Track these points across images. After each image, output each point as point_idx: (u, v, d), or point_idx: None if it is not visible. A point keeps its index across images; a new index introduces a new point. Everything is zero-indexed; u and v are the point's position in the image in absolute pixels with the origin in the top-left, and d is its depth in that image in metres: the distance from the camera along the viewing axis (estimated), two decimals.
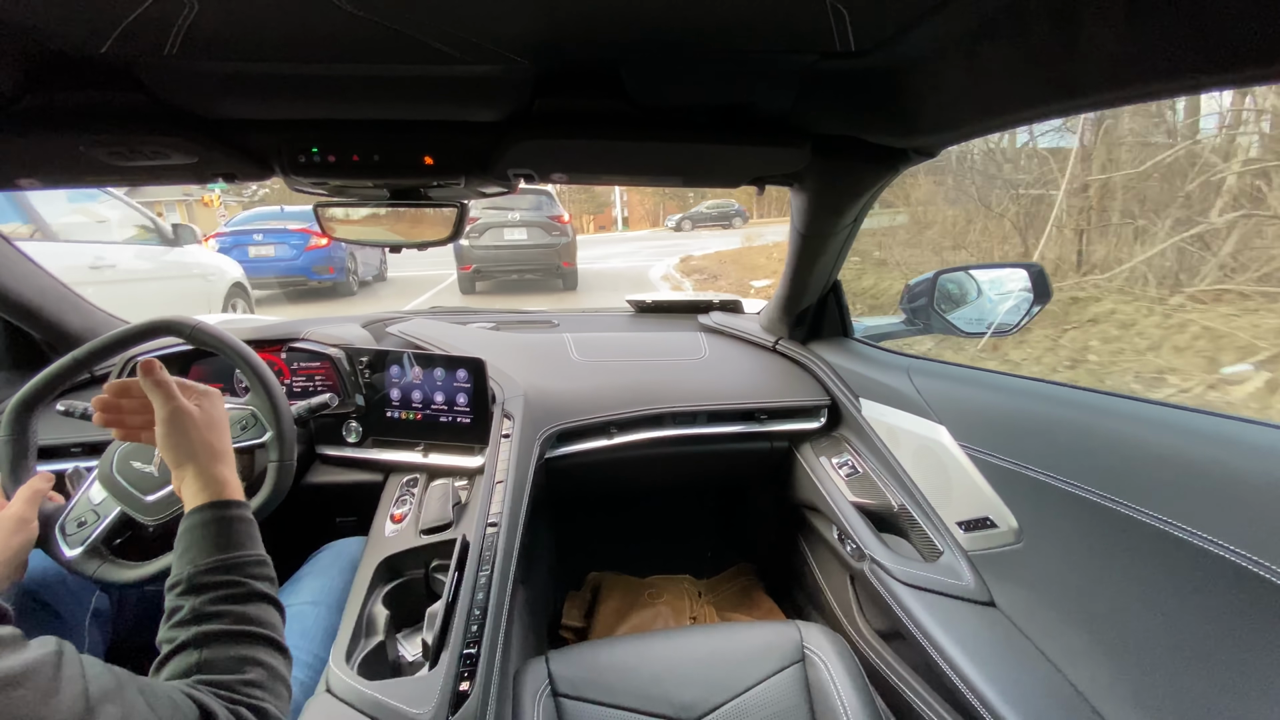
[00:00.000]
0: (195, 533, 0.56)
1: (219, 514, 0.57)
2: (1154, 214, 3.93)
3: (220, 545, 0.55)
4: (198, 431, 0.61)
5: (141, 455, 0.83)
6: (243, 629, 0.51)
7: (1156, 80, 0.47)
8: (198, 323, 0.83)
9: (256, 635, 0.52)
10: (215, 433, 0.63)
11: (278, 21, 0.56)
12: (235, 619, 0.51)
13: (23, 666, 0.35)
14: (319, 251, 6.86)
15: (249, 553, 0.57)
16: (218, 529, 0.56)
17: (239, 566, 0.55)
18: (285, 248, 6.81)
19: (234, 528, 0.57)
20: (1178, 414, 0.71)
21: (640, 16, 0.57)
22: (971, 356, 3.13)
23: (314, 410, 1.01)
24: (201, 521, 0.57)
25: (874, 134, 0.82)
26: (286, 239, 6.82)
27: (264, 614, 0.54)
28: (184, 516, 0.58)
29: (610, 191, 21.58)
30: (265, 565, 0.58)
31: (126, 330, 0.82)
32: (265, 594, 0.56)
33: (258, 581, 0.55)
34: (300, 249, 6.79)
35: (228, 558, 0.55)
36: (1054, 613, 0.82)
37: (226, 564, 0.54)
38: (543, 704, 0.82)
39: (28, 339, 1.16)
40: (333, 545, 0.98)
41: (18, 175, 0.82)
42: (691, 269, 9.85)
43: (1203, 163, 3.70)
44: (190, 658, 0.48)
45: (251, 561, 0.56)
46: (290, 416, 0.87)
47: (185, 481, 0.60)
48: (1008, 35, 0.53)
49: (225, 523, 0.57)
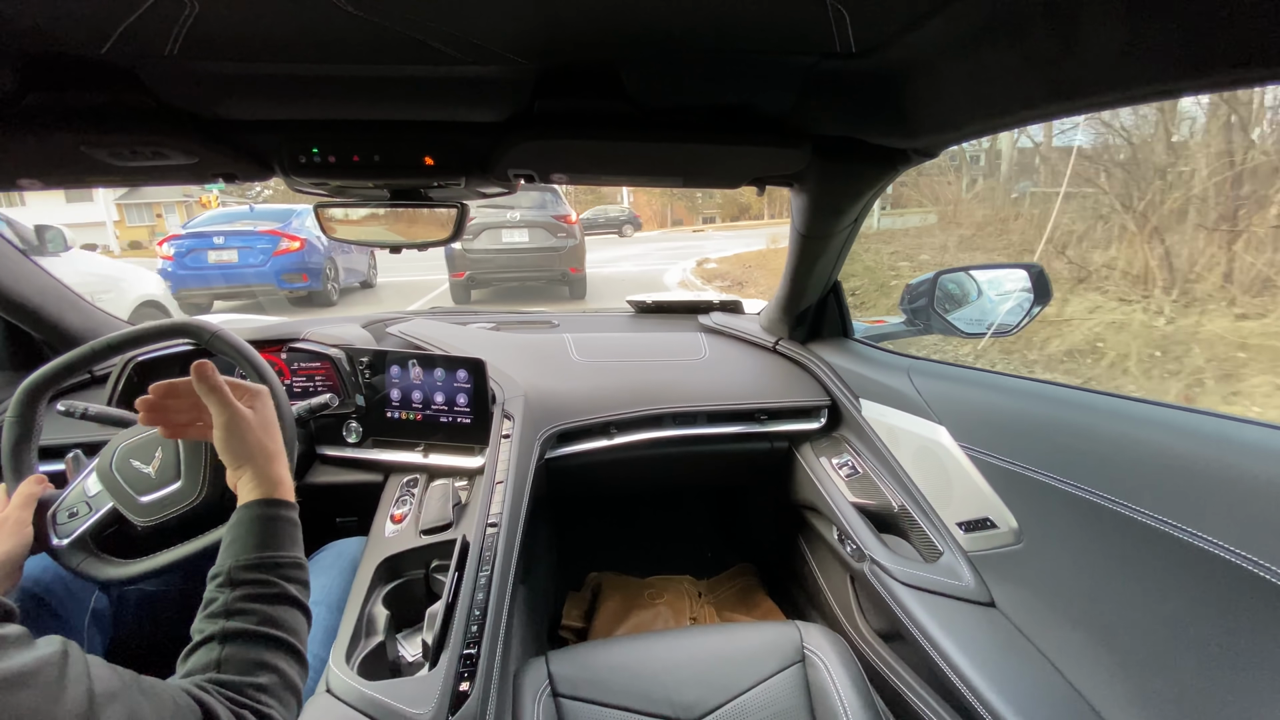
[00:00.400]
0: (243, 527, 0.57)
1: (268, 512, 0.59)
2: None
3: (264, 543, 0.57)
4: (254, 434, 0.63)
5: (141, 455, 0.83)
6: (266, 631, 0.52)
7: (1156, 81, 0.47)
8: (216, 328, 0.83)
9: (278, 640, 0.52)
10: (269, 434, 0.65)
11: (278, 22, 0.57)
12: (261, 619, 0.52)
13: (29, 666, 0.35)
14: (290, 256, 6.05)
15: (288, 554, 0.58)
16: (264, 526, 0.58)
17: (276, 566, 0.56)
18: (251, 252, 6.01)
19: (280, 527, 0.59)
20: (1178, 414, 0.71)
21: (640, 17, 0.57)
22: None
23: (314, 410, 1.01)
24: (250, 517, 0.58)
25: (874, 135, 0.82)
26: (252, 242, 6.04)
27: (290, 618, 0.55)
28: (236, 509, 0.60)
29: (617, 192, 21.49)
30: (302, 569, 0.59)
31: (144, 329, 0.82)
32: (295, 598, 0.56)
33: (291, 584, 0.56)
34: (268, 254, 5.99)
35: (267, 556, 0.56)
36: (1054, 613, 0.82)
37: (265, 562, 0.55)
38: (543, 704, 0.82)
39: (28, 339, 1.16)
40: (333, 545, 0.98)
41: (18, 175, 0.82)
42: (712, 274, 9.10)
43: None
44: (213, 652, 0.49)
45: (289, 563, 0.57)
46: (293, 423, 0.88)
47: (242, 480, 0.61)
48: (1007, 36, 0.53)
49: (273, 521, 0.59)
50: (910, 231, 7.28)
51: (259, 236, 6.05)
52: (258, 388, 0.68)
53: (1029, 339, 3.70)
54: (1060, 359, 3.57)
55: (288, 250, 6.03)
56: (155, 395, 0.66)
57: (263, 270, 6.00)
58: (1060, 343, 3.66)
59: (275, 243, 6.01)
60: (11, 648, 0.35)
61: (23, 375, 0.80)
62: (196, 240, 6.05)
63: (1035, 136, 6.41)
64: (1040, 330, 3.71)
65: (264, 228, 6.09)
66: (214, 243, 6.02)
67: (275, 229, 6.05)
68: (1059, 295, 4.00)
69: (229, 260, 5.98)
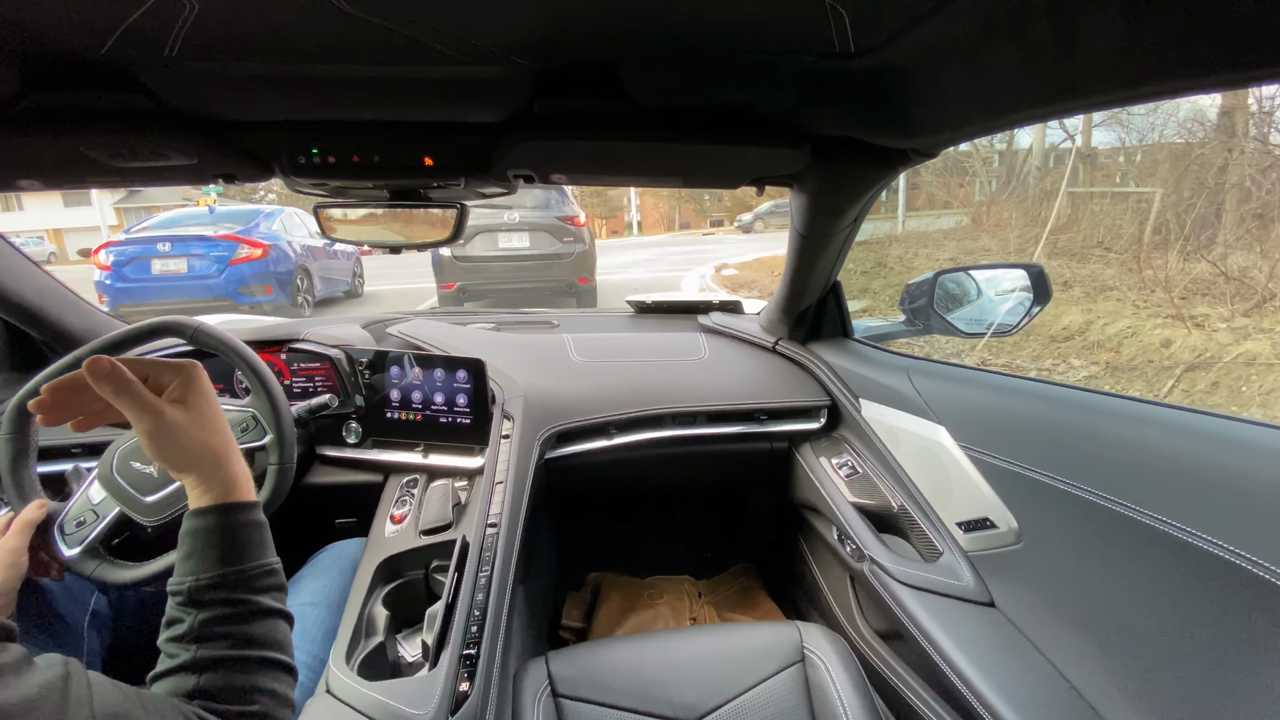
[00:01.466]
0: (198, 538, 0.51)
1: (224, 520, 0.52)
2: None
3: (224, 556, 0.51)
4: (188, 437, 0.52)
5: (141, 456, 0.83)
6: (246, 654, 0.48)
7: (1156, 80, 0.47)
8: (200, 324, 0.83)
9: (261, 660, 0.49)
10: (210, 429, 0.54)
11: (278, 23, 0.57)
12: (237, 642, 0.48)
13: (31, 695, 0.34)
14: (251, 266, 5.22)
15: (256, 563, 0.52)
16: (221, 536, 0.51)
17: (243, 581, 0.51)
18: (203, 261, 5.14)
19: (239, 534, 0.52)
20: (1178, 414, 0.71)
21: (640, 18, 0.57)
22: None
23: (314, 411, 1.01)
24: (205, 527, 0.51)
25: (873, 135, 0.82)
26: (206, 249, 5.17)
27: (270, 631, 0.51)
28: (185, 517, 0.52)
29: (624, 195, 21.23)
30: (274, 574, 0.54)
31: (128, 330, 0.82)
32: (271, 608, 0.52)
33: (264, 595, 0.51)
34: (223, 262, 5.14)
35: (231, 571, 0.50)
36: (1054, 613, 0.82)
37: (230, 578, 0.50)
38: (543, 704, 0.82)
39: (28, 340, 1.16)
40: (333, 546, 0.98)
41: (18, 177, 0.82)
42: (736, 282, 8.15)
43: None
44: (187, 681, 0.46)
45: (258, 573, 0.52)
46: (291, 419, 0.87)
47: (188, 485, 0.53)
48: (1007, 36, 0.53)
49: (230, 530, 0.52)
50: (959, 234, 6.92)
51: (213, 243, 5.21)
52: (181, 364, 0.54)
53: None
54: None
55: (248, 258, 5.19)
56: (50, 394, 0.50)
57: (217, 282, 5.17)
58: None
59: (232, 249, 5.17)
60: (10, 674, 0.34)
61: (23, 376, 0.80)
62: (139, 247, 5.12)
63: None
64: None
65: (220, 232, 5.30)
66: (158, 250, 5.07)
67: (233, 234, 5.26)
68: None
69: (177, 271, 5.10)
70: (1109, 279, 4.78)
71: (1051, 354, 3.97)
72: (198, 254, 5.19)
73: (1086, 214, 5.50)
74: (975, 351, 3.86)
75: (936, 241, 6.91)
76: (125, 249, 5.18)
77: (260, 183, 0.92)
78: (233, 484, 0.54)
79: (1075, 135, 5.23)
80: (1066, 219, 5.37)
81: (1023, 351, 4.10)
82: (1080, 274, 5.05)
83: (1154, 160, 4.72)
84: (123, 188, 0.95)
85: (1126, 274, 4.63)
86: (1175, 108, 3.91)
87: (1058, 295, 4.58)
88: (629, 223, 26.60)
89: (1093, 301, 4.47)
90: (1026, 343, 4.16)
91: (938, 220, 7.97)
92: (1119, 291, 4.48)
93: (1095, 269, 5.07)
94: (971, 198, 6.36)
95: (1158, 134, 4.47)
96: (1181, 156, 4.51)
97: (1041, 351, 4.05)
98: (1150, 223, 4.82)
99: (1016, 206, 5.50)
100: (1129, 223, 4.87)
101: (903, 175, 1.03)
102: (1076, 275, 5.05)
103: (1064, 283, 4.90)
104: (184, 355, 1.13)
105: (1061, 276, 4.99)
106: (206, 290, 5.21)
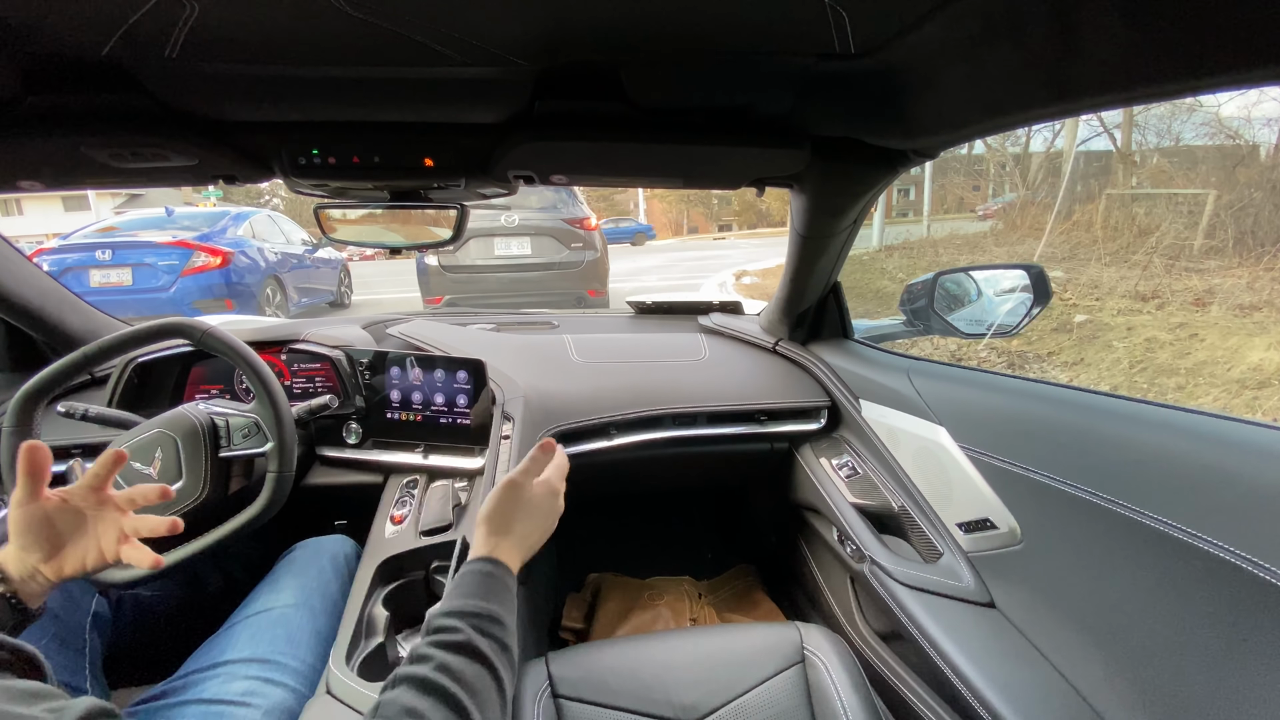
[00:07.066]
0: (465, 579, 0.58)
1: (488, 569, 0.59)
2: None
3: (474, 593, 0.56)
4: (528, 517, 0.64)
5: (142, 457, 0.83)
6: (430, 678, 0.48)
7: (1156, 82, 0.47)
8: (209, 327, 0.83)
9: (441, 690, 0.48)
10: (533, 522, 0.65)
11: (279, 24, 0.57)
12: (437, 666, 0.49)
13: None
14: (208, 276, 4.47)
15: (489, 606, 0.56)
16: (480, 580, 0.57)
17: (474, 615, 0.54)
18: (151, 271, 4.38)
19: (493, 583, 0.58)
20: (1178, 415, 0.71)
21: (640, 19, 0.57)
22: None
23: (314, 412, 1.01)
24: (473, 570, 0.58)
25: (873, 136, 0.83)
26: (155, 258, 4.42)
27: (465, 668, 0.50)
28: (467, 560, 0.61)
29: (630, 199, 21.01)
30: (497, 624, 0.55)
31: (136, 331, 0.82)
32: (477, 649, 0.52)
33: (481, 637, 0.53)
34: (175, 273, 4.40)
35: (469, 605, 0.55)
36: (1054, 614, 0.82)
37: (464, 611, 0.54)
38: (542, 705, 0.82)
39: (28, 340, 1.16)
40: (307, 543, 0.96)
41: (19, 177, 0.82)
42: (764, 293, 7.27)
43: None
44: (389, 692, 0.48)
45: (486, 615, 0.55)
46: (293, 427, 0.87)
47: (482, 537, 0.62)
48: (1007, 37, 0.53)
49: (490, 578, 0.58)
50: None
51: (162, 250, 4.45)
52: (559, 466, 0.72)
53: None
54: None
55: (204, 268, 4.44)
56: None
57: (168, 295, 4.39)
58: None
59: (186, 258, 4.43)
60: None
61: (23, 376, 0.80)
62: (77, 256, 4.36)
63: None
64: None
65: (172, 239, 4.51)
66: (97, 259, 4.30)
67: (189, 240, 4.50)
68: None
69: (119, 283, 4.33)
70: (1237, 293, 3.71)
71: (1249, 408, 2.79)
72: (145, 263, 4.41)
73: (1134, 216, 4.95)
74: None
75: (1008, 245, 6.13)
76: (63, 257, 4.39)
77: (263, 184, 0.92)
78: (511, 562, 0.62)
79: (1114, 130, 4.68)
80: (1133, 222, 4.62)
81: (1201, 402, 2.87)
82: (1193, 287, 3.93)
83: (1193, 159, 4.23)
84: (123, 189, 0.95)
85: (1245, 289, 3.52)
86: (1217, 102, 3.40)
87: (1208, 321, 3.67)
88: None
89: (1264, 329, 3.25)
90: (1198, 388, 2.97)
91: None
92: (1268, 312, 3.41)
93: (1215, 281, 4.00)
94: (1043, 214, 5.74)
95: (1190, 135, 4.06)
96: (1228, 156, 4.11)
97: (1230, 404, 2.83)
98: (1203, 225, 4.41)
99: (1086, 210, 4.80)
100: (1183, 225, 4.38)
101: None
102: (1190, 288, 3.91)
103: (1196, 299, 3.79)
104: (188, 356, 1.14)
105: (1189, 290, 3.88)
106: (155, 306, 4.41)
